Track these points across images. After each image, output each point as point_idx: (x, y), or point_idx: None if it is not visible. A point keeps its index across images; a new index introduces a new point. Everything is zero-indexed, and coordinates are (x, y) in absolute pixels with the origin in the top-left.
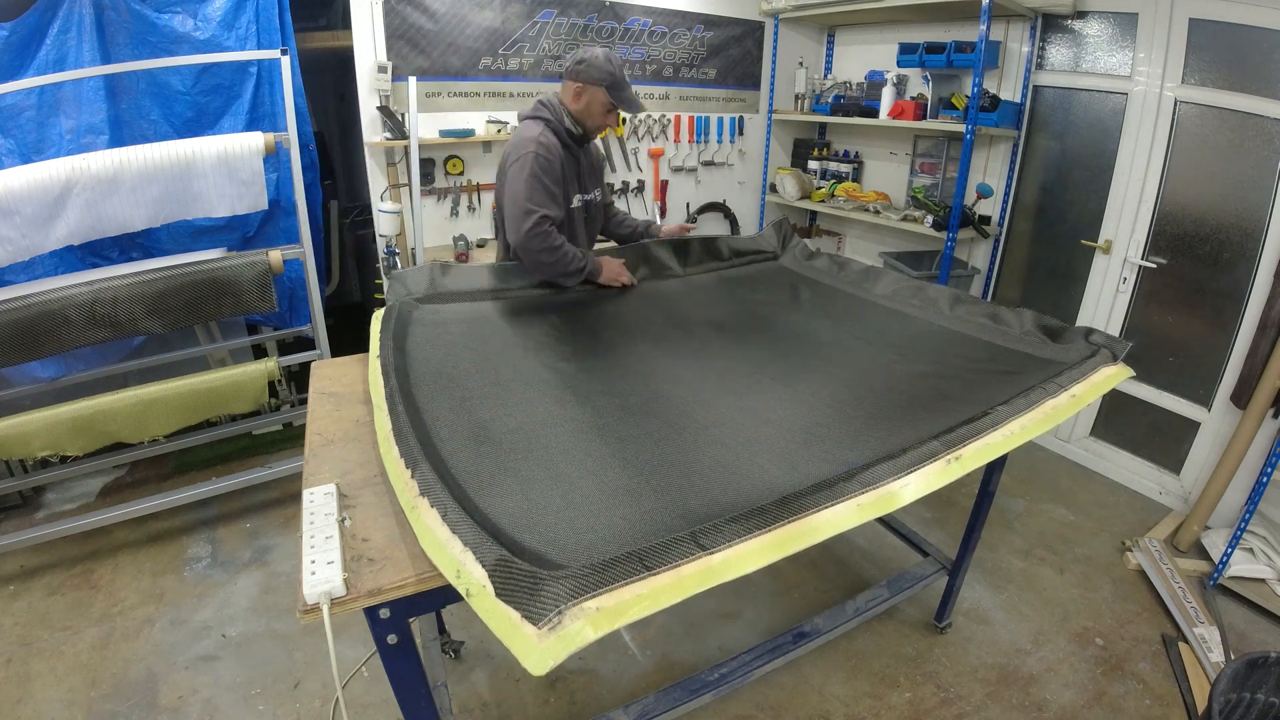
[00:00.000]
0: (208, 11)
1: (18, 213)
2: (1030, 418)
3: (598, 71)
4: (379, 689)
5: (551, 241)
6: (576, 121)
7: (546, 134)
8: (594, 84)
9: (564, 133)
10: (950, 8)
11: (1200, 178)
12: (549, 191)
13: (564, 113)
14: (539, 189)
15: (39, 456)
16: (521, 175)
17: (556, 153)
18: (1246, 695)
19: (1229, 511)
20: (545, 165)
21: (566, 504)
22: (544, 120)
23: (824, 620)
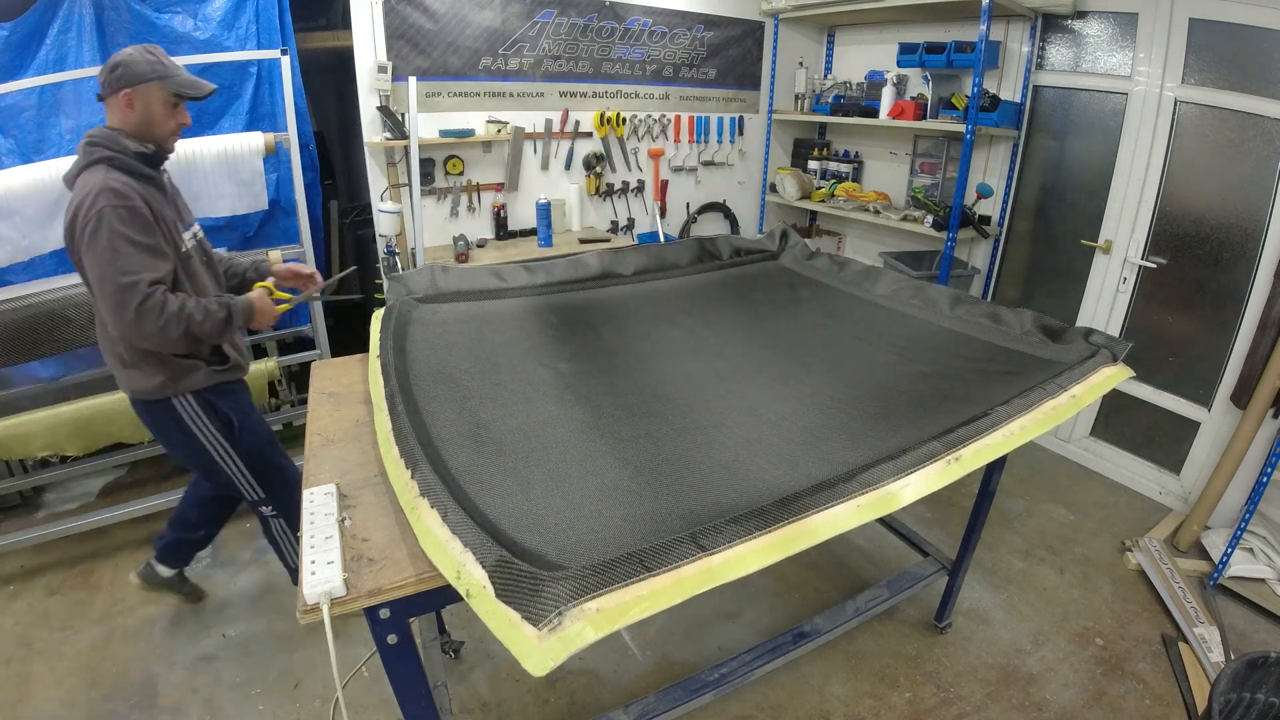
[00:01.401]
0: (208, 11)
1: (18, 213)
2: (1030, 418)
3: (141, 66)
4: (379, 689)
5: (169, 310)
6: (141, 138)
7: (112, 174)
8: (144, 81)
9: (133, 161)
10: (950, 8)
11: (1200, 177)
12: (144, 247)
13: (122, 138)
14: (129, 252)
15: (39, 456)
16: (97, 247)
17: (136, 193)
18: (1246, 695)
19: (1229, 511)
20: (125, 216)
21: (567, 505)
22: (103, 161)
23: (824, 620)
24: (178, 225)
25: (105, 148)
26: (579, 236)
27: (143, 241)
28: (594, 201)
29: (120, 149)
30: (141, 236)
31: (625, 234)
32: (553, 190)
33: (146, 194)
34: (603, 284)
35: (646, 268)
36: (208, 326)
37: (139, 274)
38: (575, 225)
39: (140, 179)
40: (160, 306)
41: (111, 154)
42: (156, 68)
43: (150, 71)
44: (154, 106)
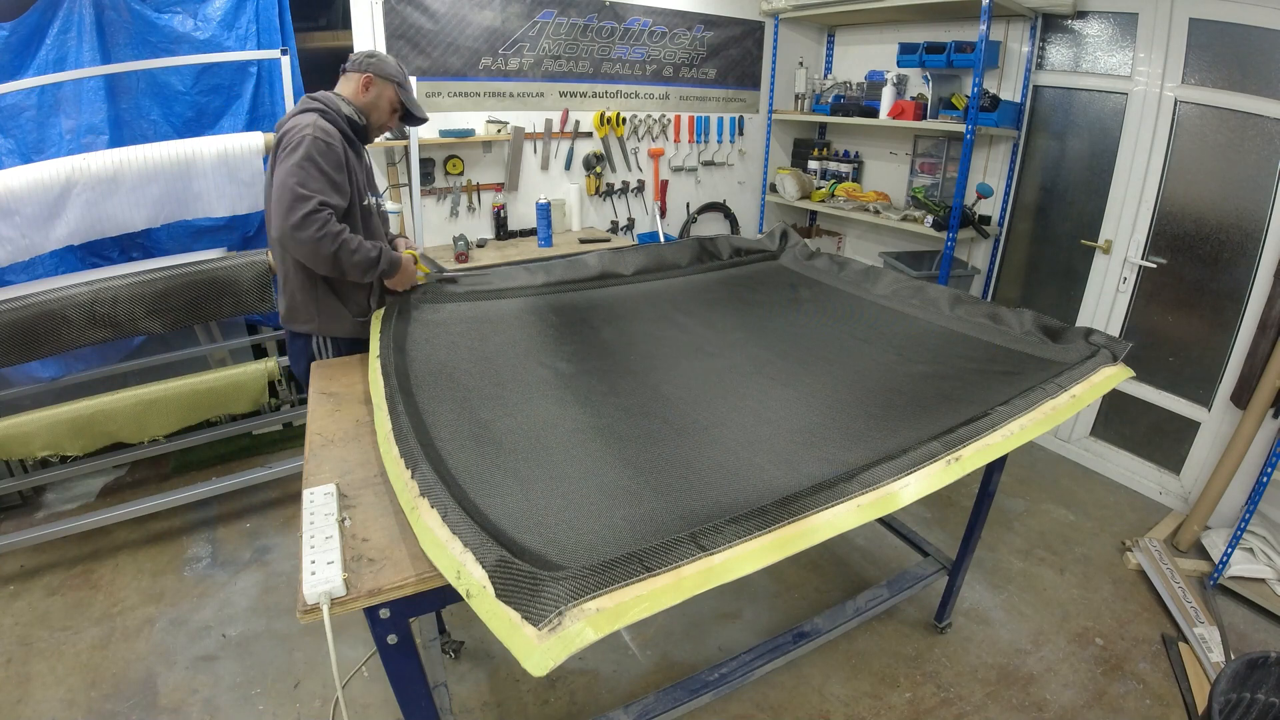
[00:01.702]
0: (208, 11)
1: (18, 213)
2: (1030, 418)
3: (390, 68)
4: (379, 689)
5: (330, 228)
6: (360, 112)
7: (323, 121)
8: (386, 78)
9: (343, 123)
10: (950, 8)
11: (1200, 178)
12: (327, 177)
13: (342, 103)
14: (315, 174)
15: (39, 456)
16: (292, 159)
17: (338, 140)
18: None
19: (1229, 511)
20: (324, 150)
21: (566, 505)
22: (317, 110)
23: (824, 620)
24: (363, 185)
25: (323, 103)
26: (579, 236)
27: (329, 172)
28: (594, 201)
29: (335, 109)
30: (330, 169)
31: (625, 234)
32: (553, 190)
33: (345, 147)
34: (603, 284)
35: (646, 268)
36: (357, 257)
37: (316, 193)
38: (575, 225)
39: (342, 134)
40: (324, 222)
41: (325, 109)
42: (400, 76)
43: (395, 75)
44: (382, 100)
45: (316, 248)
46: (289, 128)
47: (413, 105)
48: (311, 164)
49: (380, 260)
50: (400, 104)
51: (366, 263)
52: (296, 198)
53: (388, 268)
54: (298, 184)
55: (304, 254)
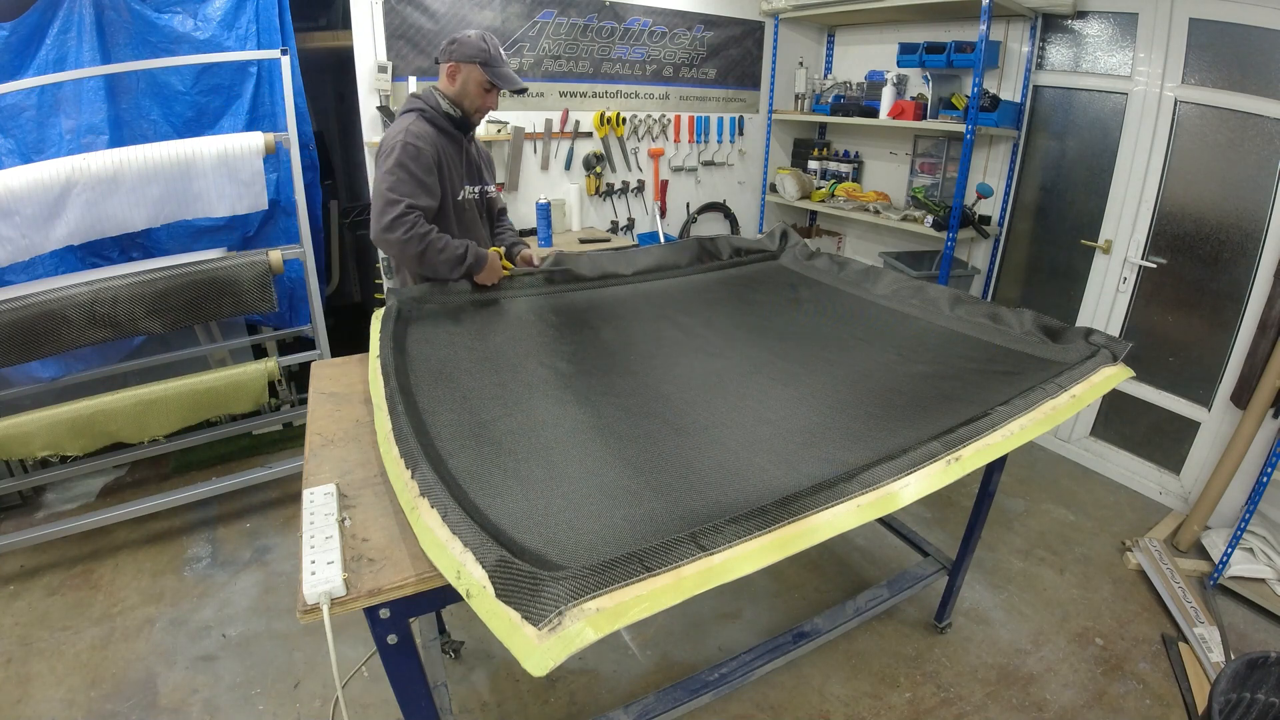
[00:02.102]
0: (208, 11)
1: (18, 213)
2: (1030, 418)
3: (470, 49)
4: (379, 689)
5: (417, 230)
6: (454, 103)
7: (418, 123)
8: (467, 61)
9: (441, 119)
10: (950, 8)
11: (1200, 177)
12: (416, 180)
13: (438, 97)
14: (404, 179)
15: (39, 456)
16: (385, 167)
17: (430, 140)
18: (1246, 695)
19: (1229, 511)
20: (413, 154)
21: (567, 504)
22: (416, 110)
23: (824, 620)
24: (460, 178)
25: (423, 101)
26: (579, 236)
27: (418, 175)
28: (594, 201)
29: (434, 105)
30: (420, 172)
31: (625, 234)
32: (553, 190)
33: (440, 145)
34: (603, 284)
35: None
36: (444, 255)
37: (405, 196)
38: (575, 225)
39: (440, 131)
40: (411, 224)
41: (425, 107)
42: (482, 54)
43: (476, 54)
44: (469, 84)
45: (404, 248)
46: (388, 133)
47: (501, 79)
48: (402, 169)
49: (466, 257)
50: (489, 81)
51: (454, 260)
52: (387, 202)
53: (474, 263)
54: (388, 189)
55: (394, 253)
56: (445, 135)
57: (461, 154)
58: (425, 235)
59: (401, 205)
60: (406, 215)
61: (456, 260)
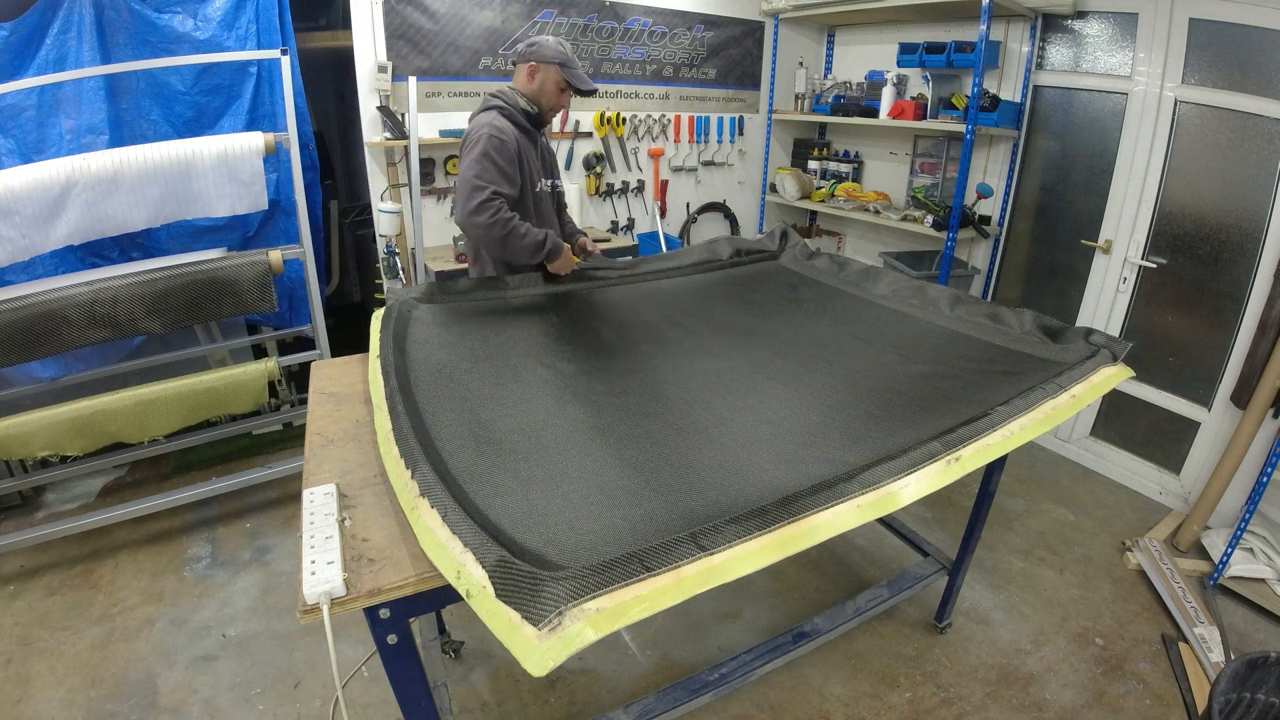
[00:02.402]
0: (208, 11)
1: (18, 213)
2: (1030, 418)
3: (550, 51)
4: (379, 689)
5: (501, 215)
6: (531, 101)
7: (499, 119)
8: (547, 62)
9: (520, 116)
10: (950, 8)
11: (1200, 177)
12: (500, 169)
13: (517, 96)
14: (490, 167)
15: (39, 456)
16: (472, 155)
17: (512, 135)
18: (1246, 695)
19: (1229, 511)
20: (498, 146)
21: (567, 504)
22: (497, 108)
23: (824, 620)
24: (536, 172)
25: (501, 99)
26: None
27: (502, 165)
28: (594, 201)
29: (512, 103)
30: (503, 161)
31: (625, 234)
32: None
33: (521, 140)
34: (603, 284)
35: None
36: (525, 241)
37: (490, 183)
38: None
39: (518, 127)
40: (496, 209)
41: (504, 105)
42: (560, 56)
43: (555, 57)
44: (548, 83)
45: (488, 232)
46: (472, 126)
47: (576, 80)
48: (487, 158)
49: (545, 243)
50: (566, 81)
51: (534, 246)
52: (473, 188)
53: (552, 250)
54: (475, 176)
55: (478, 236)
56: (523, 131)
57: (537, 149)
58: (509, 221)
59: (487, 191)
60: (491, 201)
61: (536, 246)
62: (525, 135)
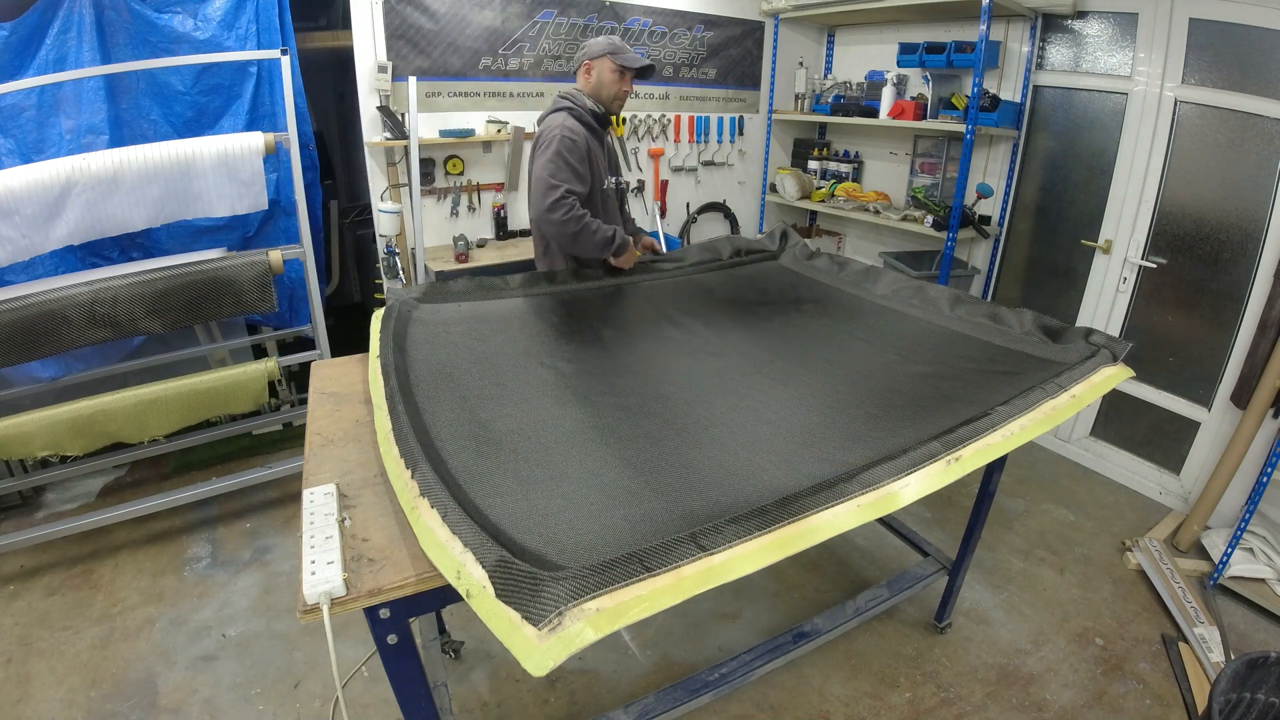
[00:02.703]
0: (208, 11)
1: (18, 213)
2: (1030, 418)
3: (598, 46)
4: (379, 689)
5: (575, 212)
6: (595, 99)
7: (569, 120)
8: (597, 57)
9: (587, 116)
10: (950, 8)
11: (1200, 177)
12: (573, 169)
13: (583, 97)
14: (563, 166)
15: (39, 456)
16: (546, 155)
17: (582, 135)
18: (1246, 695)
19: (1229, 511)
20: (570, 146)
21: (566, 505)
22: (566, 109)
23: (824, 620)
24: (604, 170)
25: (570, 101)
26: None
27: (574, 164)
28: None
29: (579, 104)
30: (575, 161)
31: None
32: None
33: (590, 141)
34: (603, 284)
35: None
36: (596, 237)
37: (564, 182)
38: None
39: (587, 127)
40: (570, 207)
41: (572, 106)
42: (608, 48)
43: (601, 49)
44: (604, 75)
45: (563, 228)
46: (544, 127)
47: (628, 60)
48: (560, 159)
49: (615, 239)
50: (619, 66)
51: (604, 241)
52: (549, 187)
53: (620, 245)
54: (549, 175)
55: (553, 233)
56: (591, 131)
57: (603, 148)
58: (581, 218)
59: (561, 189)
60: (565, 199)
61: (606, 242)
62: (593, 135)
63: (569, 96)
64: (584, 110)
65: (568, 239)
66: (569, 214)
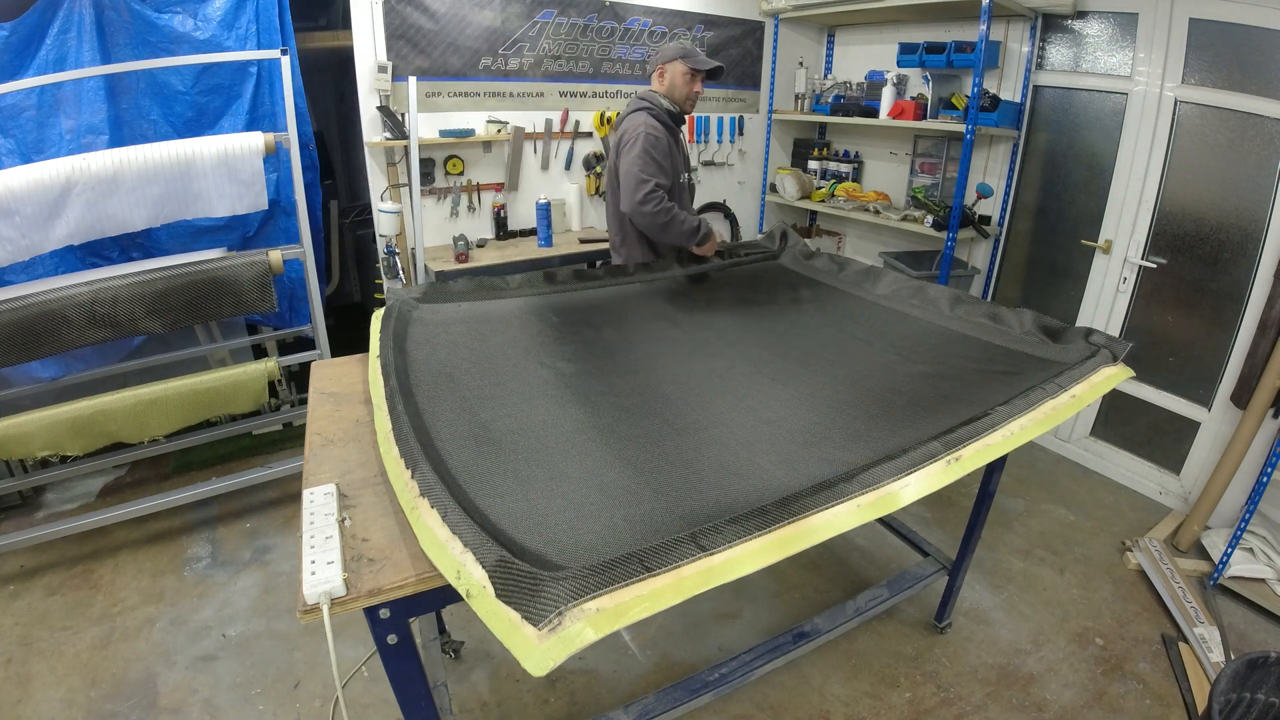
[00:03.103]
0: (208, 11)
1: (18, 213)
2: (1030, 418)
3: (669, 51)
4: (379, 689)
5: (664, 204)
6: (669, 98)
7: (650, 119)
8: (670, 61)
9: (664, 115)
10: (950, 8)
11: (1200, 178)
12: (658, 164)
13: (659, 97)
14: (650, 162)
15: (39, 456)
16: (634, 152)
17: (662, 133)
18: (1246, 695)
19: (1229, 511)
20: (654, 142)
21: (566, 505)
22: (645, 109)
23: (824, 620)
24: (680, 165)
25: (648, 102)
26: (579, 236)
27: (659, 160)
28: (594, 201)
29: (656, 104)
30: (659, 157)
31: None
32: (553, 190)
33: (668, 138)
34: (603, 284)
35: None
36: (684, 227)
37: (652, 176)
38: (575, 225)
39: (664, 126)
40: (660, 198)
41: (650, 106)
42: (679, 52)
43: (674, 54)
44: (676, 77)
45: (654, 219)
46: (626, 126)
47: (698, 63)
48: (647, 155)
49: (700, 229)
50: (690, 69)
51: (690, 230)
52: (639, 181)
53: (705, 234)
54: (640, 171)
55: (644, 224)
56: (667, 129)
57: (678, 145)
58: (670, 209)
59: (650, 184)
60: (655, 192)
61: (693, 231)
62: (669, 132)
63: (646, 98)
64: (661, 110)
65: (658, 229)
66: (659, 205)
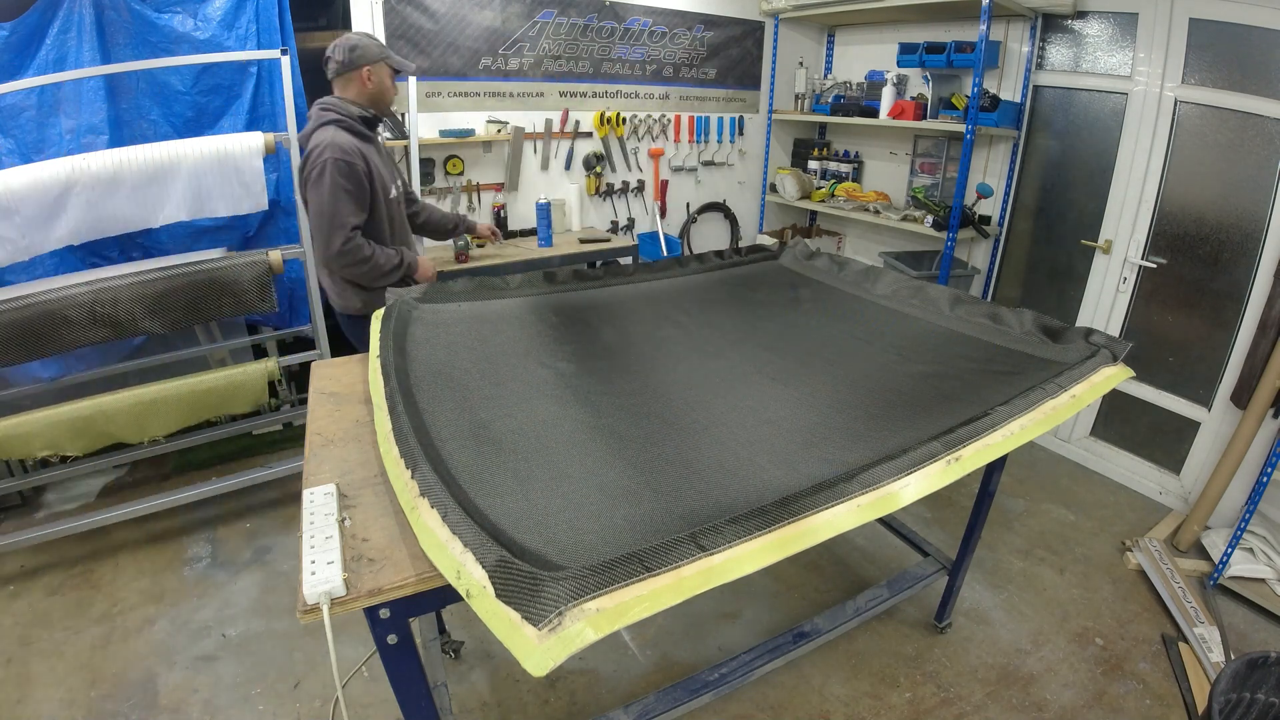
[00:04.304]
0: (208, 11)
1: (18, 212)
2: (1030, 418)
3: (373, 50)
4: (379, 689)
5: (362, 254)
6: (369, 105)
7: (339, 134)
8: (376, 61)
9: (358, 125)
10: (950, 8)
11: (1200, 177)
12: (353, 198)
13: (351, 105)
14: (342, 199)
15: (39, 456)
16: (322, 188)
17: (355, 152)
18: (1246, 695)
19: (1229, 511)
20: (345, 170)
21: (567, 505)
22: (333, 122)
23: (824, 620)
24: (385, 178)
25: (335, 111)
26: (579, 236)
27: (353, 192)
28: (594, 201)
29: (346, 113)
30: (354, 188)
31: (625, 234)
32: (553, 190)
33: (365, 150)
34: (603, 284)
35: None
36: (386, 268)
37: (348, 218)
38: (575, 225)
39: (360, 138)
40: (356, 249)
41: (339, 117)
42: (384, 51)
43: (380, 53)
44: (384, 80)
45: (355, 270)
46: (310, 148)
47: (403, 68)
48: (338, 189)
49: (402, 264)
50: (394, 70)
51: (392, 269)
52: (333, 228)
53: (409, 267)
54: (331, 215)
55: (347, 275)
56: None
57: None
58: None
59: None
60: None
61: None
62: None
63: (333, 107)
64: (353, 119)
65: (359, 277)
66: (357, 256)
